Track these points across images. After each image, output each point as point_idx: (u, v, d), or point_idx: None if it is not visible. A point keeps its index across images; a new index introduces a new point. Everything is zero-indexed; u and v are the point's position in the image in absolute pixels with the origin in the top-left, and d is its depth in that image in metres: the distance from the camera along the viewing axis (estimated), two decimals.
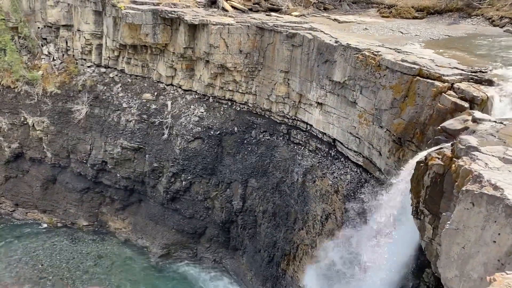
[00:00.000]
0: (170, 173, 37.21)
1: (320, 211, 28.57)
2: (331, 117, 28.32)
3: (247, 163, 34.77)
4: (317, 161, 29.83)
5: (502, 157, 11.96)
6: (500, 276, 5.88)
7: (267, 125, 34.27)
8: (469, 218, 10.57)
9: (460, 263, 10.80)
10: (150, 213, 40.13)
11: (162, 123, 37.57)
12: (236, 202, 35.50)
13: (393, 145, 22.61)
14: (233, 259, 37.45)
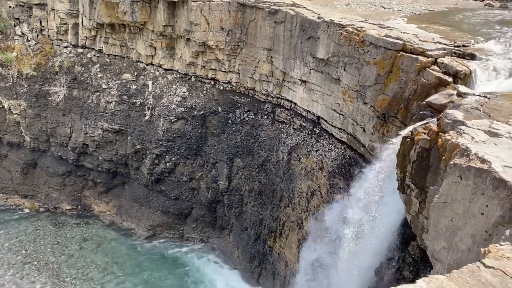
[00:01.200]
0: (153, 154, 36.81)
1: (306, 188, 28.79)
2: (315, 95, 28.25)
3: (232, 142, 34.61)
4: (302, 139, 29.88)
5: (488, 130, 12.08)
6: (495, 247, 5.98)
7: (251, 104, 34.04)
8: (457, 191, 10.71)
9: (448, 235, 10.99)
10: (134, 195, 39.82)
11: (144, 104, 36.94)
12: (222, 182, 35.47)
13: (377, 121, 22.73)
14: (220, 238, 37.66)
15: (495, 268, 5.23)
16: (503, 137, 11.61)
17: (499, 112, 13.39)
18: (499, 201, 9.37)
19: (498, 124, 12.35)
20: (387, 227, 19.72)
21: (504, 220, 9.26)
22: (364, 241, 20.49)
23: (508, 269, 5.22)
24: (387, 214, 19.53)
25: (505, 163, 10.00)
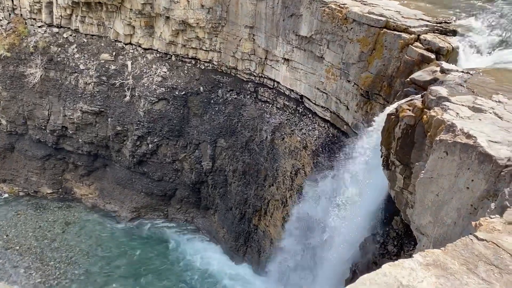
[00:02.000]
0: (135, 136, 36.32)
1: (290, 167, 28.93)
2: (298, 73, 28.13)
3: (215, 123, 34.37)
4: (285, 118, 29.87)
5: (472, 106, 12.24)
6: (485, 220, 6.11)
7: (233, 83, 33.72)
8: (443, 167, 10.87)
9: (434, 210, 11.20)
10: (116, 178, 39.39)
11: (123, 85, 36.20)
12: (206, 163, 35.35)
13: (361, 99, 22.84)
14: (204, 218, 37.76)
15: (488, 241, 5.34)
16: (487, 112, 11.78)
17: (482, 88, 13.56)
18: (484, 175, 9.55)
19: (481, 99, 12.51)
20: (371, 203, 20.04)
21: (489, 193, 9.46)
22: (349, 217, 20.81)
23: (499, 241, 5.33)
24: (371, 190, 19.83)
25: (490, 138, 10.17)
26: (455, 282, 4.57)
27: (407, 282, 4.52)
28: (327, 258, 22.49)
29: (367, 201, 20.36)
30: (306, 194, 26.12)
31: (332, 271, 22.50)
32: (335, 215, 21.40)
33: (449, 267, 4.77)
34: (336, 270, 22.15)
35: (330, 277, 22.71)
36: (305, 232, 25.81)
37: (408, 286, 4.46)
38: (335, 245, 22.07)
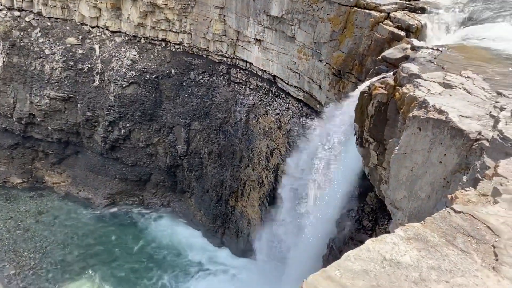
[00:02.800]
0: (106, 121, 35.57)
1: (265, 147, 29.07)
2: (271, 54, 28.04)
3: (188, 106, 34.00)
4: (259, 99, 29.85)
5: (442, 82, 12.52)
6: (461, 193, 6.34)
7: (205, 65, 33.31)
8: (416, 143, 11.15)
9: (408, 184, 11.53)
10: (89, 164, 38.64)
11: (92, 69, 35.21)
12: (180, 146, 35.07)
13: (333, 78, 23.02)
14: (181, 201, 37.66)
15: (464, 213, 5.56)
16: (456, 88, 12.08)
17: (451, 64, 13.87)
18: (456, 149, 9.87)
19: (451, 75, 12.81)
20: (346, 179, 20.45)
21: (461, 167, 9.79)
22: (325, 194, 21.18)
23: (475, 213, 5.57)
24: (346, 167, 20.21)
25: (461, 113, 10.47)
26: (436, 254, 4.77)
27: (390, 256, 4.67)
28: (305, 235, 22.92)
29: (342, 178, 20.75)
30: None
31: (309, 248, 22.97)
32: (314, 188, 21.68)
33: (429, 240, 4.97)
34: (313, 246, 22.61)
35: (307, 254, 23.18)
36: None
37: (391, 260, 4.62)
38: (312, 222, 22.51)
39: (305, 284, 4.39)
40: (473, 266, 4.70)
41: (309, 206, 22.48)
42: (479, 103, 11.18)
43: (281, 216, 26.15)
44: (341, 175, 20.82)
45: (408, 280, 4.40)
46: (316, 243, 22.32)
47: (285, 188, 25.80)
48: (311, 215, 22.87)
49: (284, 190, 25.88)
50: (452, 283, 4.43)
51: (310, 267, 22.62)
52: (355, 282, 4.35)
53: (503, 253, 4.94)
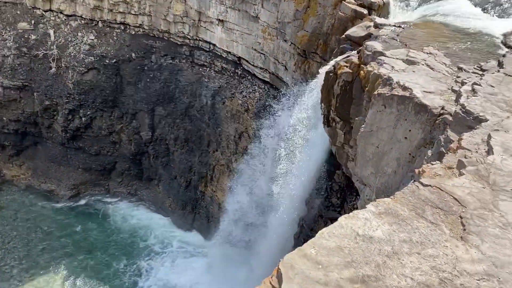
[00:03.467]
0: (66, 110, 34.26)
1: (233, 131, 28.88)
2: (234, 35, 27.63)
3: (151, 91, 33.16)
4: (225, 82, 29.48)
5: (406, 59, 12.69)
6: (427, 167, 6.44)
7: (167, 48, 32.46)
8: (382, 120, 11.30)
9: (375, 161, 11.71)
10: (50, 155, 37.26)
11: (47, 56, 33.65)
12: (145, 133, 34.29)
13: (299, 58, 22.99)
14: (148, 189, 37.04)
15: (432, 186, 5.65)
16: (419, 64, 12.28)
17: (413, 41, 14.07)
18: (421, 125, 10.06)
19: (414, 52, 13.00)
20: (314, 159, 20.64)
21: (426, 141, 10.00)
22: (293, 174, 21.32)
23: (442, 185, 5.67)
24: (313, 147, 20.37)
25: (424, 88, 10.66)
26: (407, 227, 4.82)
27: (363, 232, 4.69)
28: (275, 215, 23.10)
29: (309, 159, 20.91)
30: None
31: (280, 227, 23.19)
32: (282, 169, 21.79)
33: (400, 214, 5.01)
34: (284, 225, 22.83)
35: (279, 233, 23.41)
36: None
37: (364, 236, 4.64)
38: (282, 203, 22.68)
39: (282, 263, 4.33)
40: (442, 237, 4.79)
41: (279, 187, 22.61)
42: (441, 78, 11.41)
43: (250, 198, 26.21)
44: (308, 155, 20.97)
45: (381, 254, 4.43)
46: (287, 223, 22.54)
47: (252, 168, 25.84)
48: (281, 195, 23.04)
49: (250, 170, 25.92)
50: (423, 254, 4.49)
51: (281, 247, 22.91)
52: (330, 259, 4.33)
53: (470, 223, 5.06)
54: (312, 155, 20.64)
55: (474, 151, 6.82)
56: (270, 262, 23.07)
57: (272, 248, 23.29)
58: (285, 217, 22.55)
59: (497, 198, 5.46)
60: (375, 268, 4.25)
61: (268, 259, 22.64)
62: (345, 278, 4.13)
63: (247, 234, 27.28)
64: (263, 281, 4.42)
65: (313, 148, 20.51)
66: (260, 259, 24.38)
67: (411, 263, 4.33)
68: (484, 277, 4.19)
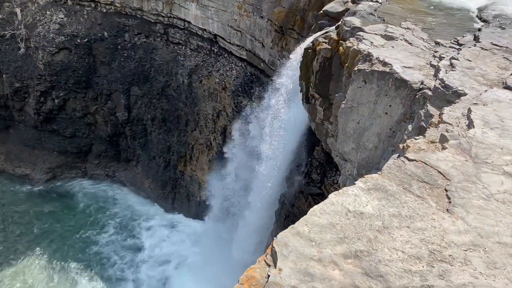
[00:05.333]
0: (37, 92, 33.23)
1: (211, 109, 28.67)
2: (209, 11, 27.11)
3: (125, 70, 32.42)
4: (201, 60, 29.06)
5: (384, 34, 12.72)
6: (411, 142, 6.57)
7: (140, 26, 31.64)
8: (362, 96, 11.39)
9: (356, 137, 11.86)
10: (23, 139, 36.28)
11: (15, 36, 32.36)
12: (121, 114, 33.69)
13: (276, 35, 22.80)
14: (127, 170, 36.66)
15: (417, 161, 5.78)
16: (398, 39, 12.34)
17: (391, 16, 14.10)
18: (401, 100, 10.19)
19: (392, 27, 13.04)
20: (293, 135, 20.78)
21: (406, 116, 10.17)
22: (274, 152, 21.44)
23: (427, 160, 5.80)
24: (292, 123, 20.46)
25: (404, 64, 10.75)
26: (395, 202, 4.94)
27: (353, 208, 4.78)
28: (256, 191, 23.29)
29: (288, 135, 21.03)
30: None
31: (261, 205, 23.42)
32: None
33: (388, 189, 5.12)
34: (265, 202, 23.07)
35: (260, 210, 23.65)
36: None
37: (355, 212, 4.73)
38: (262, 180, 22.84)
39: (275, 241, 4.39)
40: (429, 210, 4.92)
41: (259, 164, 22.71)
42: (420, 53, 11.52)
43: (231, 175, 26.29)
44: (288, 132, 21.07)
45: (372, 229, 4.53)
46: (268, 200, 22.78)
47: (233, 149, 25.82)
48: (260, 172, 23.16)
49: (231, 150, 25.90)
50: (413, 227, 4.62)
51: (263, 223, 23.21)
52: (323, 236, 4.41)
53: (454, 195, 5.21)
54: (292, 132, 20.76)
55: (455, 125, 6.98)
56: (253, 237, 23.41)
57: (254, 224, 23.58)
58: (266, 194, 22.77)
59: (480, 170, 5.63)
60: (367, 243, 4.35)
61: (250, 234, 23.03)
62: (338, 254, 4.22)
63: (228, 211, 27.45)
64: (258, 260, 4.48)
65: (292, 125, 20.61)
66: (242, 234, 24.66)
67: (401, 236, 4.45)
68: (471, 248, 4.36)
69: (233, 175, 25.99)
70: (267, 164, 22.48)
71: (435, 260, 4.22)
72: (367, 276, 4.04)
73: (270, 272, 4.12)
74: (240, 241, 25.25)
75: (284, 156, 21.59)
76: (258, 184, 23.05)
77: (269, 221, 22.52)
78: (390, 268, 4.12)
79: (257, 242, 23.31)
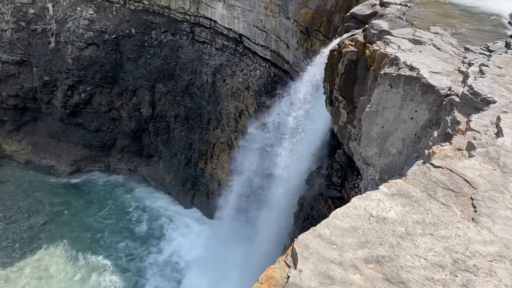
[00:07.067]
0: (65, 86, 34.02)
1: (233, 108, 28.79)
2: (236, 11, 27.22)
3: (151, 67, 32.87)
4: (225, 59, 29.20)
5: (412, 38, 12.55)
6: (437, 148, 6.47)
7: (167, 24, 32.02)
8: (387, 100, 11.26)
9: (379, 141, 11.73)
10: (50, 131, 37.21)
11: (46, 30, 33.21)
12: (145, 110, 34.18)
13: (301, 36, 22.73)
14: (148, 166, 37.16)
15: (443, 167, 5.69)
16: (426, 44, 12.16)
17: (420, 20, 13.90)
18: (427, 105, 10.03)
19: (420, 32, 12.86)
20: (315, 138, 20.69)
21: (432, 122, 10.00)
22: (295, 154, 21.40)
23: (453, 167, 5.70)
24: (314, 126, 20.38)
25: (431, 69, 10.58)
26: (419, 208, 4.87)
27: (376, 213, 4.74)
28: (276, 193, 23.27)
29: (310, 138, 20.95)
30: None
31: (280, 206, 23.39)
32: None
33: (412, 195, 5.06)
34: (284, 204, 23.03)
35: (278, 211, 23.63)
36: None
37: (377, 217, 4.69)
38: (282, 181, 22.82)
39: (296, 243, 4.39)
40: (454, 218, 4.84)
41: (279, 165, 22.71)
42: (448, 59, 11.32)
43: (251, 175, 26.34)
44: (310, 134, 21.00)
45: (395, 235, 4.49)
46: (287, 201, 22.73)
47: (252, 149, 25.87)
48: (281, 174, 23.15)
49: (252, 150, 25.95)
50: (436, 235, 4.56)
51: (281, 224, 23.18)
52: (344, 239, 4.39)
53: (481, 204, 5.12)
54: (314, 134, 20.67)
55: (483, 133, 6.84)
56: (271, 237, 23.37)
57: (272, 225, 23.57)
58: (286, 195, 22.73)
59: (508, 180, 5.51)
60: (389, 248, 4.31)
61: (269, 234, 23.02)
62: (359, 258, 4.20)
63: (248, 212, 27.49)
64: (278, 260, 4.49)
65: (314, 127, 20.53)
66: (261, 234, 24.68)
67: (425, 244, 4.39)
68: (496, 258, 4.27)
69: (251, 174, 26.03)
70: (288, 165, 22.46)
71: (459, 269, 4.15)
72: (388, 282, 4.00)
73: (290, 273, 4.13)
74: (258, 242, 25.29)
75: (304, 158, 21.51)
76: (277, 185, 23.04)
77: (287, 222, 22.48)
78: (412, 275, 4.07)
79: (275, 243, 23.30)
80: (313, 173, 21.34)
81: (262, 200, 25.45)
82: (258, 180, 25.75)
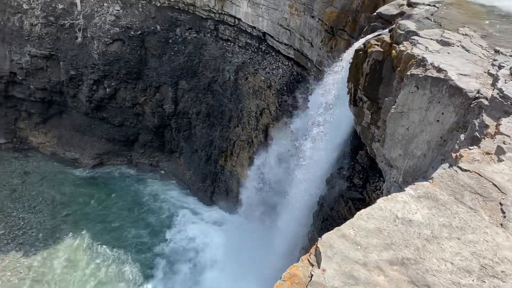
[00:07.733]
0: (90, 80, 34.67)
1: (255, 107, 28.83)
2: (260, 9, 27.23)
3: (175, 64, 33.20)
4: (248, 57, 29.25)
5: (440, 39, 12.33)
6: (465, 152, 6.35)
7: (192, 21, 32.27)
8: (414, 101, 11.09)
9: (404, 143, 11.57)
10: (74, 124, 38.00)
11: (74, 25, 33.88)
12: (168, 106, 34.56)
13: (326, 35, 22.57)
14: (170, 161, 37.58)
15: (471, 171, 5.58)
16: (454, 45, 11.92)
17: (448, 21, 13.64)
18: (455, 108, 9.84)
19: (449, 33, 12.61)
20: (337, 138, 20.52)
21: (459, 125, 9.81)
22: (316, 153, 21.29)
23: (481, 171, 5.59)
24: (336, 126, 20.22)
25: (459, 71, 10.37)
26: (446, 212, 4.80)
27: (402, 215, 4.69)
28: (296, 193, 23.21)
29: (332, 138, 20.81)
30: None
31: (300, 205, 23.32)
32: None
33: (439, 198, 4.98)
34: (304, 204, 22.95)
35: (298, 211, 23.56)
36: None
37: (403, 219, 4.64)
38: (302, 181, 22.74)
39: (320, 242, 4.38)
40: (482, 223, 4.75)
41: (300, 165, 22.63)
42: (477, 61, 11.07)
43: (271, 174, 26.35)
44: (332, 134, 20.86)
45: (421, 237, 4.44)
46: (307, 201, 22.64)
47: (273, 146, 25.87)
48: (302, 174, 23.07)
49: (272, 148, 25.95)
50: (464, 240, 4.48)
51: (300, 223, 23.12)
52: (369, 240, 4.36)
53: (510, 210, 5.00)
54: (336, 135, 20.52)
55: None
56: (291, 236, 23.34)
57: (291, 224, 23.53)
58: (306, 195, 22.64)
59: None
60: (415, 251, 4.26)
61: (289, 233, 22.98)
62: (384, 260, 4.17)
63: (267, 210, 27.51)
64: (301, 259, 4.49)
65: (336, 127, 20.37)
66: (281, 233, 24.66)
67: (451, 247, 4.33)
68: None
69: (272, 174, 26.03)
70: (308, 165, 22.36)
71: (487, 275, 4.07)
72: (413, 285, 3.96)
73: (314, 272, 4.12)
74: (277, 240, 25.29)
75: (326, 158, 21.37)
76: (297, 185, 22.97)
77: (306, 222, 22.40)
78: (437, 279, 4.02)
79: (293, 242, 23.26)
80: (333, 173, 21.18)
81: (281, 199, 25.43)
82: (277, 179, 25.74)
